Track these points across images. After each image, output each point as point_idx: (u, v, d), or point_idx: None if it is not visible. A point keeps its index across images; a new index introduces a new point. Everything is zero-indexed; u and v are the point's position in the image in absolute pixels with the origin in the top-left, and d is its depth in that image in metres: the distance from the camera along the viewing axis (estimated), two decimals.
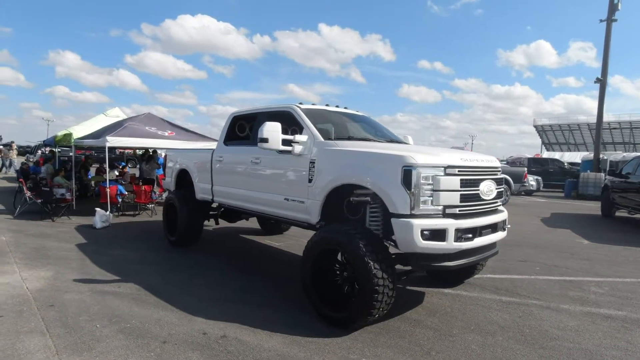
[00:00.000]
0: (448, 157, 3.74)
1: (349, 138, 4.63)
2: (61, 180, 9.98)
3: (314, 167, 4.28)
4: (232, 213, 6.86)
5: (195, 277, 5.19)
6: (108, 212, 8.45)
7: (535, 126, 67.72)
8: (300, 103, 5.08)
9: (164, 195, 11.03)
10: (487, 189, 3.91)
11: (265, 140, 4.31)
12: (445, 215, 3.58)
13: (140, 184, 11.44)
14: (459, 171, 3.68)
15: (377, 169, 3.71)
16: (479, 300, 4.55)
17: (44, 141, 15.70)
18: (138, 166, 13.21)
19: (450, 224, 3.52)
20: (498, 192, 4.11)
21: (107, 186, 9.19)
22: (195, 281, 5.00)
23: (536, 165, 22.31)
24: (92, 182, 13.15)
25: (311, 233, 4.37)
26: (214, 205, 6.80)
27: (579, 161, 33.59)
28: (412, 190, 3.47)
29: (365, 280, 3.46)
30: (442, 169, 3.60)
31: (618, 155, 21.89)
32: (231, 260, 6.11)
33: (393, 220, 3.53)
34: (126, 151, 32.28)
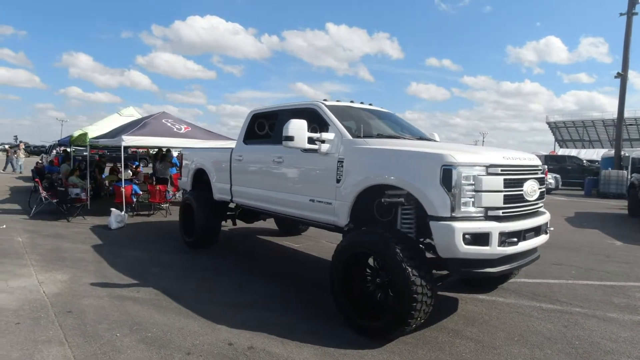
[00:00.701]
0: (490, 156, 3.47)
1: (378, 136, 4.38)
2: (76, 180, 9.91)
3: (342, 166, 4.03)
4: (250, 214, 6.66)
5: (215, 281, 4.99)
6: (123, 212, 8.32)
7: (548, 123, 66.45)
8: (325, 100, 4.84)
9: (178, 194, 10.95)
10: (531, 189, 3.63)
11: (291, 138, 4.08)
12: (487, 217, 3.31)
13: (154, 183, 11.36)
14: (501, 170, 3.40)
15: (414, 168, 3.45)
16: (517, 308, 4.27)
17: (58, 141, 15.73)
18: (151, 165, 13.12)
19: (494, 227, 3.25)
20: (541, 192, 3.82)
21: (122, 186, 9.07)
22: (215, 286, 4.80)
23: (553, 162, 21.74)
24: (106, 182, 13.11)
25: (332, 235, 4.14)
26: (232, 205, 6.62)
27: (596, 158, 32.78)
28: (452, 191, 3.21)
29: (403, 287, 3.21)
30: (484, 168, 3.33)
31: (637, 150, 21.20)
32: (250, 263, 5.90)
33: (432, 223, 3.27)
34: (139, 150, 32.52)
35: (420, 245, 3.76)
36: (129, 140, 8.46)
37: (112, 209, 8.15)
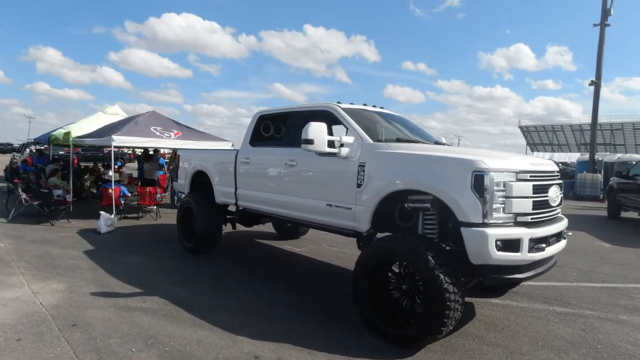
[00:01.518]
0: (519, 161, 3.47)
1: (398, 140, 4.32)
2: (57, 181, 9.40)
3: (363, 171, 3.95)
4: (251, 217, 6.49)
5: (224, 288, 4.80)
6: (113, 216, 7.94)
7: (520, 127, 68.82)
8: (339, 102, 4.75)
9: (163, 196, 10.64)
10: (555, 194, 3.66)
11: (310, 141, 3.97)
12: (516, 223, 3.31)
13: (139, 184, 10.94)
14: (530, 176, 3.42)
15: (443, 173, 3.41)
16: (533, 312, 4.31)
17: (34, 139, 14.92)
18: (137, 166, 12.65)
19: (524, 233, 3.25)
20: (560, 198, 3.87)
21: (112, 187, 8.67)
22: (225, 294, 4.62)
23: None
24: (87, 183, 12.53)
25: (332, 238, 4.06)
26: (230, 208, 6.43)
27: (568, 161, 34.15)
28: (484, 197, 3.19)
29: (435, 295, 3.17)
30: (514, 174, 3.33)
31: (613, 156, 22.21)
32: (256, 269, 5.73)
33: (463, 229, 3.24)
34: (121, 150, 31.45)
35: None
36: (119, 140, 8.08)
37: (102, 212, 7.77)
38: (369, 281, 3.67)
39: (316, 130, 3.99)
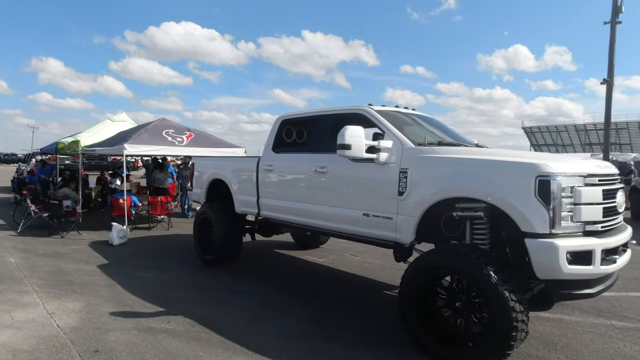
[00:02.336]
0: (585, 164, 3.16)
1: (440, 143, 4.01)
2: (68, 192, 9.13)
3: (405, 177, 3.64)
4: (270, 227, 6.19)
5: (249, 305, 4.48)
6: (125, 227, 7.64)
7: (524, 128, 68.37)
8: (370, 104, 4.46)
9: (174, 205, 10.38)
10: (621, 200, 3.34)
11: (347, 146, 3.67)
12: (586, 233, 2.99)
13: (149, 193, 10.67)
14: (599, 180, 3.10)
15: (502, 179, 3.10)
16: (590, 327, 3.97)
17: (41, 149, 14.70)
18: (145, 174, 12.37)
19: (596, 244, 2.93)
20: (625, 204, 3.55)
21: (124, 197, 8.38)
22: (252, 311, 4.30)
23: None
24: (93, 193, 12.27)
25: (355, 247, 3.74)
26: (249, 218, 6.13)
27: None
28: (551, 204, 2.87)
29: (499, 314, 2.85)
30: (582, 178, 3.02)
31: (628, 156, 21.81)
32: (280, 282, 5.40)
33: (528, 241, 2.92)
34: (119, 158, 31.26)
35: None
36: (131, 148, 7.81)
37: (114, 224, 7.48)
38: (417, 297, 3.35)
39: (353, 135, 3.68)
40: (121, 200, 8.53)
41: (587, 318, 4.19)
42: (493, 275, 2.89)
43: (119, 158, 30.32)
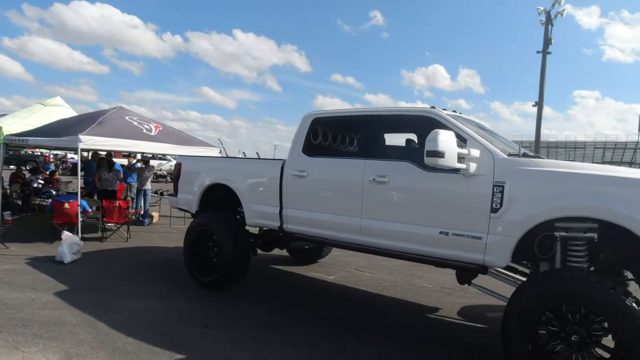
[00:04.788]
0: None
1: (524, 155, 3.58)
2: None
3: (501, 192, 3.14)
4: (273, 241, 5.35)
5: (286, 342, 3.60)
6: (79, 239, 6.10)
7: None
8: (433, 107, 3.91)
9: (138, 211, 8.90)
10: None
11: (441, 154, 3.07)
12: None
13: (94, 196, 8.93)
14: None
15: (631, 197, 2.75)
16: None
17: None
18: (84, 173, 10.38)
19: None
20: None
21: (70, 201, 6.75)
22: (289, 350, 3.44)
23: None
24: (14, 194, 10.03)
25: (360, 261, 3.22)
26: (250, 230, 5.20)
27: None
28: None
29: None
30: None
31: None
32: (300, 308, 4.55)
33: None
34: (34, 151, 26.92)
35: None
36: (88, 141, 6.28)
37: (65, 233, 5.92)
38: (532, 333, 2.85)
39: (447, 140, 3.10)
40: (67, 205, 6.89)
41: None
42: (632, 306, 2.53)
43: (35, 151, 26.07)
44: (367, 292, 5.27)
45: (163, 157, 22.54)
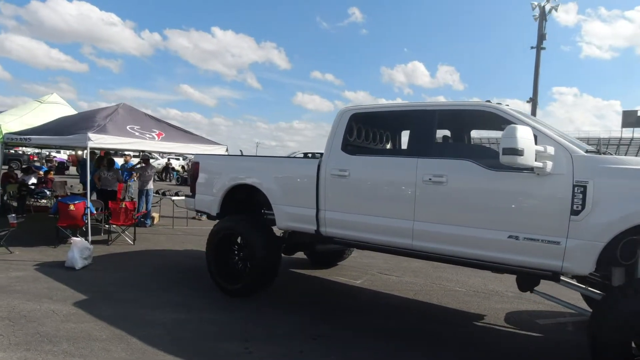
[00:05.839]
0: None
1: (599, 151, 3.40)
2: None
3: (583, 193, 2.95)
4: (297, 245, 5.13)
5: (345, 355, 3.36)
6: (90, 243, 5.72)
7: None
8: (488, 101, 3.71)
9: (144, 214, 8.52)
10: None
11: (520, 152, 2.88)
12: None
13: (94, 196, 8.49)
14: None
15: None
16: None
17: None
18: (80, 172, 9.90)
19: None
20: None
21: (75, 203, 6.34)
22: None
23: None
24: (10, 193, 9.48)
25: (377, 262, 3.03)
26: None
27: None
28: None
29: None
30: None
31: None
32: (340, 314, 4.32)
33: None
34: (21, 150, 26.00)
35: None
36: (98, 139, 5.88)
37: (74, 239, 5.54)
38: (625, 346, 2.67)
39: (526, 137, 2.91)
40: (72, 207, 6.48)
41: None
42: None
43: (25, 150, 25.21)
44: (403, 298, 5.05)
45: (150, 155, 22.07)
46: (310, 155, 24.07)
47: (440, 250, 3.55)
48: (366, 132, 4.43)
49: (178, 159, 33.86)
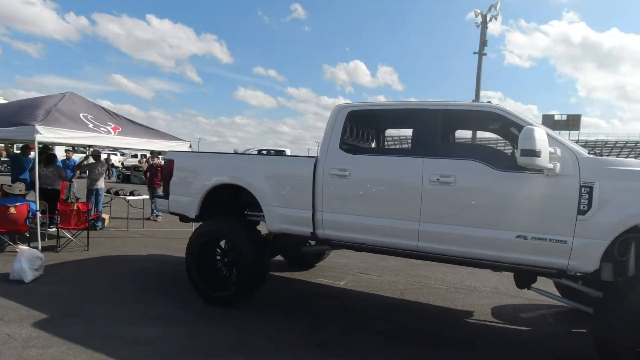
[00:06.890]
0: None
1: (596, 153, 3.58)
2: None
3: (589, 193, 3.09)
4: (287, 247, 4.94)
5: None
6: (40, 251, 4.97)
7: None
8: (489, 102, 3.77)
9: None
10: None
11: (537, 153, 2.95)
12: None
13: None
14: None
15: None
16: None
17: None
18: (11, 169, 8.62)
19: None
20: None
21: (16, 205, 5.48)
22: None
23: None
24: None
25: (357, 264, 3.17)
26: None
27: None
28: None
29: None
30: None
31: None
32: (337, 319, 4.17)
33: None
34: None
35: None
36: (47, 133, 5.11)
37: (21, 247, 4.79)
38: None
39: (542, 139, 2.99)
40: (12, 210, 5.61)
41: None
42: None
43: None
44: (391, 298, 5.01)
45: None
46: (264, 152, 23.61)
47: (447, 251, 3.54)
48: (360, 130, 4.32)
49: (116, 154, 31.26)
